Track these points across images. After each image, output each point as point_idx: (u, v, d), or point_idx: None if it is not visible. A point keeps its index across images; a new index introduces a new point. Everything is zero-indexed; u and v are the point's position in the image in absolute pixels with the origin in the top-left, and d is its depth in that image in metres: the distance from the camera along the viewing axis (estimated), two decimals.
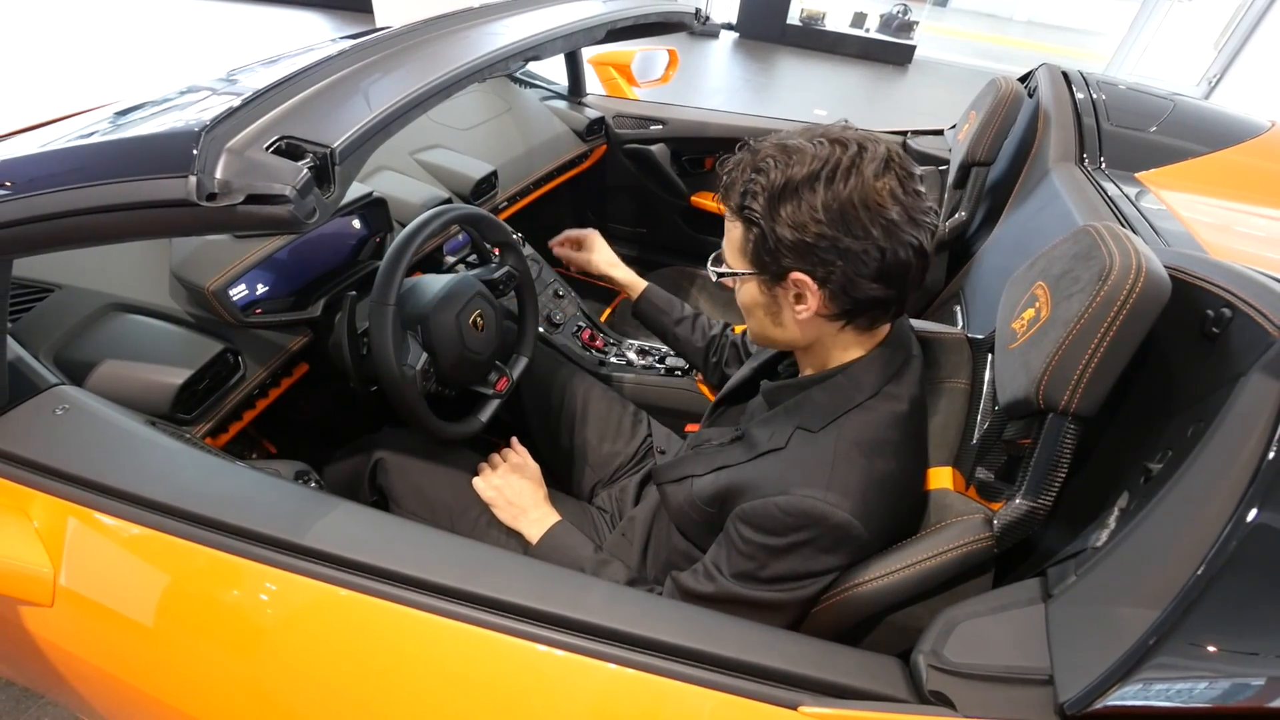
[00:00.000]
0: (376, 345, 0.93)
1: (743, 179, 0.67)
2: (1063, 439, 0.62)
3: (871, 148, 0.64)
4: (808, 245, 0.64)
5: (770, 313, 0.73)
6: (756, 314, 0.75)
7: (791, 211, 0.64)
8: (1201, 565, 0.44)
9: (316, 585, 0.61)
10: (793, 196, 0.64)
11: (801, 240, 0.64)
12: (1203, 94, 5.48)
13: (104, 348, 0.87)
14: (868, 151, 0.63)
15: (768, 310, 0.73)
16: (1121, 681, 0.44)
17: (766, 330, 0.76)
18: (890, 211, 0.63)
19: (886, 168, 0.63)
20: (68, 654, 0.72)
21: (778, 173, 0.64)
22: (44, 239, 0.63)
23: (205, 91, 0.89)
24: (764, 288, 0.71)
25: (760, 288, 0.72)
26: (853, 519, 0.64)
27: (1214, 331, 0.59)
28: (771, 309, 0.73)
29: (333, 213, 0.60)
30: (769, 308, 0.73)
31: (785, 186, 0.64)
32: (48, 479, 0.70)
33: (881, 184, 0.62)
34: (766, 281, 0.70)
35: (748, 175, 0.67)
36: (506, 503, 1.00)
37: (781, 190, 0.64)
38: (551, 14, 1.07)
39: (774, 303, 0.72)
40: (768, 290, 0.71)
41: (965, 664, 0.52)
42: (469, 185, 1.42)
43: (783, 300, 0.71)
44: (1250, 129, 1.31)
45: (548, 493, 1.04)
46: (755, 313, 0.75)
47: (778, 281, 0.69)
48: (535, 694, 0.57)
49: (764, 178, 0.65)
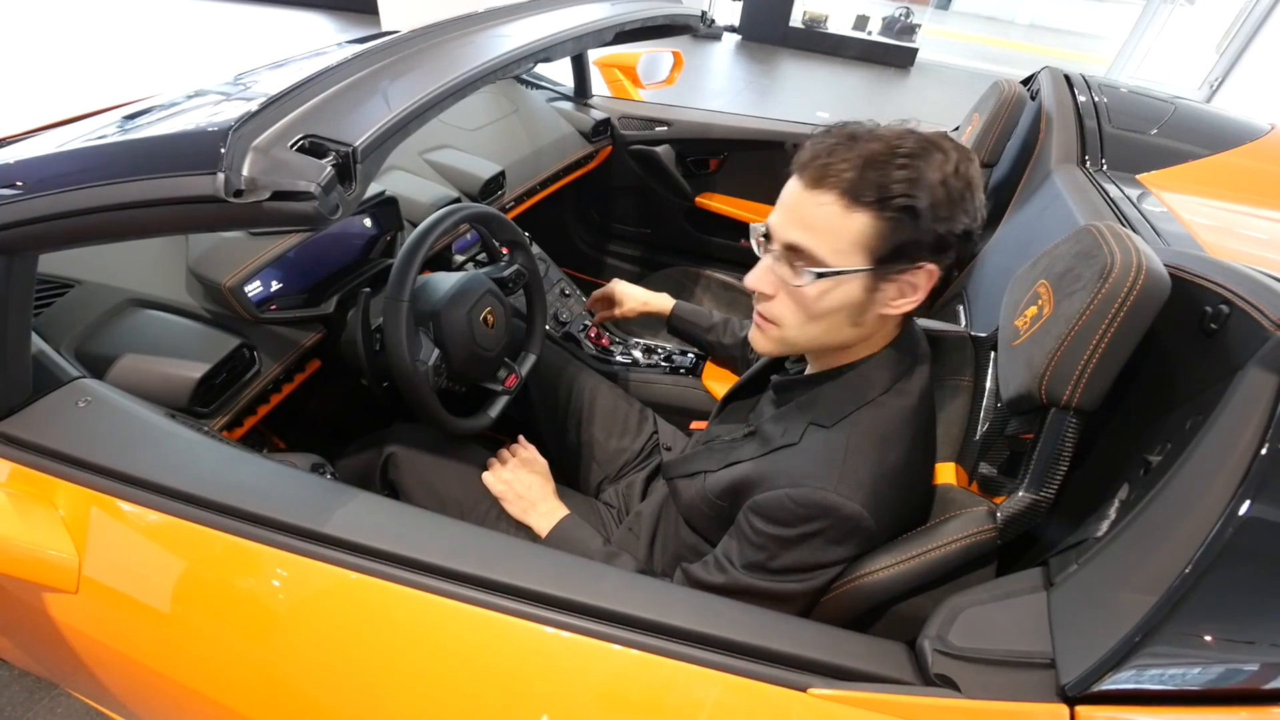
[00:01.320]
0: (391, 340, 0.95)
1: (880, 169, 0.62)
2: (1064, 433, 0.64)
3: (963, 146, 0.66)
4: (951, 236, 0.64)
5: (855, 313, 0.68)
6: (834, 317, 0.68)
7: (945, 201, 0.63)
8: (1196, 555, 0.45)
9: (337, 571, 0.63)
10: (943, 185, 0.62)
11: (949, 231, 0.63)
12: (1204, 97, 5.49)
13: (123, 342, 0.89)
14: (964, 147, 0.66)
15: (854, 311, 0.68)
16: (1120, 664, 0.46)
17: (832, 334, 0.70)
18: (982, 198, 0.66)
19: (975, 163, 0.66)
20: (90, 639, 0.74)
21: (929, 163, 0.62)
22: (73, 234, 0.65)
23: (214, 95, 0.91)
24: (870, 285, 0.66)
25: (865, 285, 0.66)
26: (863, 511, 0.66)
27: (1212, 328, 0.60)
28: (861, 308, 0.68)
29: (353, 209, 0.62)
30: (859, 307, 0.68)
31: (943, 178, 0.62)
32: (72, 468, 0.72)
33: (979, 174, 0.66)
34: (878, 277, 0.66)
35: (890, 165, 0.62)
36: (516, 496, 1.02)
37: (939, 181, 0.62)
38: (561, 17, 1.09)
39: (869, 300, 0.67)
40: (872, 288, 0.66)
41: (969, 648, 0.53)
42: (477, 185, 1.44)
43: (883, 295, 0.67)
44: (1250, 132, 1.33)
45: (555, 487, 1.06)
46: (835, 316, 0.68)
47: (894, 276, 0.66)
48: (550, 676, 0.59)
49: (917, 166, 0.62)
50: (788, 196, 0.68)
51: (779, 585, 0.70)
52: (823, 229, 0.65)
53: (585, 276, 2.21)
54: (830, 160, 0.63)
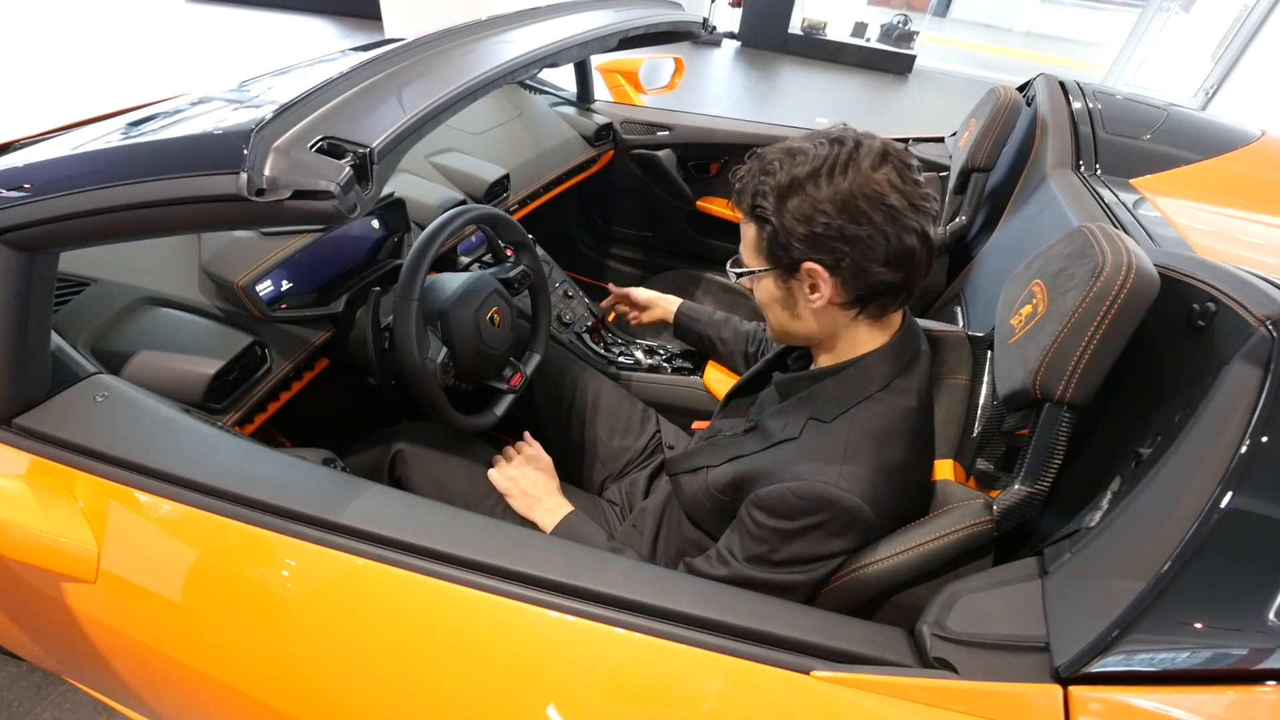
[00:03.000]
0: (400, 338, 0.96)
1: (753, 182, 0.72)
2: (1058, 427, 0.66)
3: (867, 143, 0.69)
4: (816, 235, 0.68)
5: (787, 306, 0.77)
6: (774, 309, 0.79)
7: (798, 205, 0.68)
8: (1182, 543, 0.47)
9: (350, 559, 0.65)
10: (798, 191, 0.68)
11: (811, 231, 0.68)
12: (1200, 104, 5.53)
13: (138, 339, 0.91)
14: (863, 146, 0.68)
15: (784, 304, 0.77)
16: (1111, 647, 0.48)
17: (785, 324, 0.80)
18: (890, 198, 0.67)
19: (883, 160, 0.68)
20: (108, 628, 0.76)
21: (783, 173, 0.69)
22: (96, 231, 0.67)
23: (219, 102, 0.93)
24: (779, 282, 0.75)
25: (776, 282, 0.76)
26: (863, 504, 0.68)
27: (1200, 324, 0.62)
28: (788, 302, 0.77)
29: (370, 208, 0.64)
30: (785, 301, 0.77)
31: (791, 184, 0.69)
32: (91, 461, 0.73)
33: (880, 175, 0.67)
34: (781, 275, 0.75)
35: (757, 178, 0.72)
36: (521, 493, 1.03)
37: (788, 187, 0.69)
38: (567, 23, 1.11)
39: (790, 295, 0.76)
40: (783, 284, 0.75)
41: (967, 633, 0.55)
42: (482, 188, 1.46)
43: (798, 292, 0.75)
44: (1241, 138, 1.35)
45: (560, 484, 1.08)
46: (773, 308, 0.79)
47: (792, 274, 0.73)
48: (558, 660, 0.61)
49: (771, 178, 0.70)
50: None
51: (780, 576, 0.72)
52: (741, 236, 0.78)
53: (587, 279, 2.23)
54: (741, 180, 0.75)
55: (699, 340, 1.34)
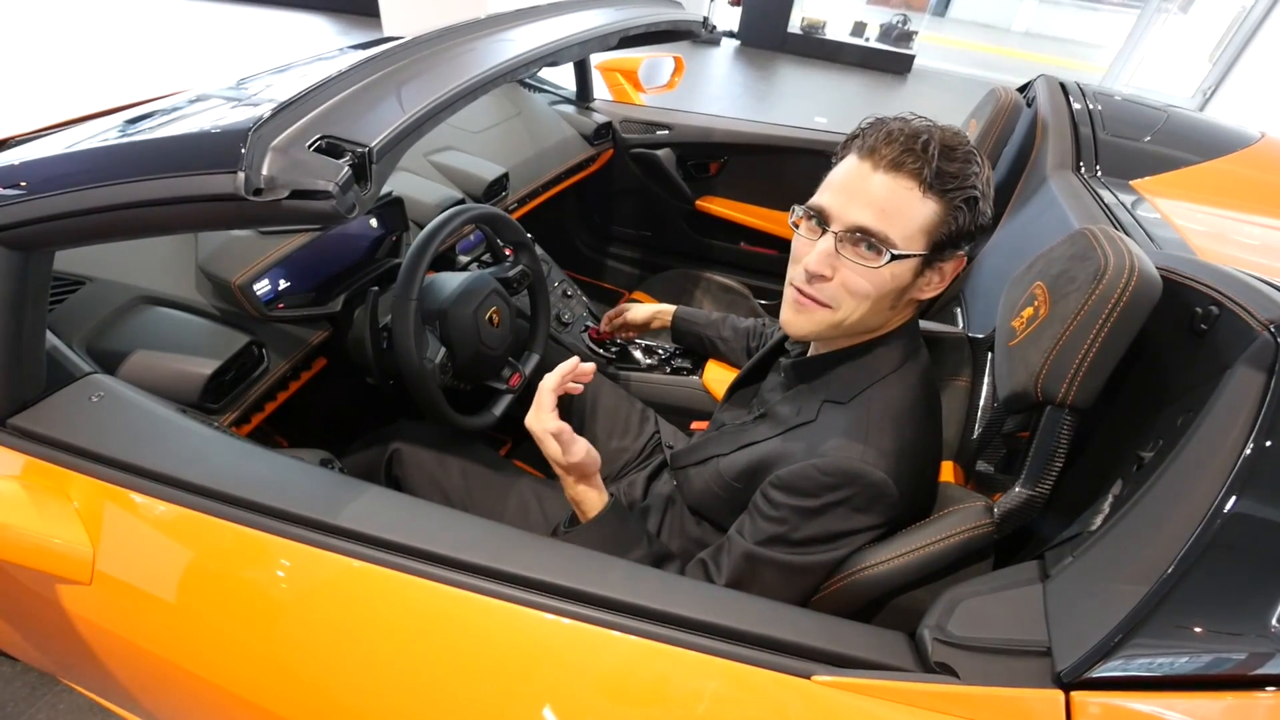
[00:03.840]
0: (399, 338, 0.96)
1: (954, 162, 0.67)
2: (1060, 430, 0.66)
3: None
4: (980, 228, 0.70)
5: (899, 295, 0.72)
6: (879, 299, 0.71)
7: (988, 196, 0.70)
8: (1185, 548, 0.47)
9: (346, 561, 0.64)
10: (988, 184, 0.70)
11: (984, 223, 0.70)
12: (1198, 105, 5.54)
13: (134, 338, 0.90)
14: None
15: (897, 294, 0.71)
16: (1113, 652, 0.47)
17: (873, 315, 0.72)
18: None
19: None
20: (103, 630, 0.75)
21: (982, 162, 0.69)
22: (92, 231, 0.66)
23: (217, 100, 0.92)
24: (919, 269, 0.71)
25: (915, 270, 0.70)
26: (887, 479, 0.68)
27: (1202, 328, 0.62)
28: (903, 291, 0.72)
29: (369, 208, 0.64)
30: (902, 291, 0.72)
31: (988, 175, 0.70)
32: (86, 461, 0.73)
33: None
34: (927, 262, 0.70)
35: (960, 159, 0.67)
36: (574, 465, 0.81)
37: (987, 177, 0.70)
38: (567, 22, 1.10)
39: (911, 284, 0.72)
40: (919, 272, 0.71)
41: (968, 637, 0.55)
42: (481, 186, 1.45)
43: (922, 281, 0.72)
44: (1240, 140, 1.35)
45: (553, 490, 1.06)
46: (879, 298, 0.71)
47: (940, 262, 0.71)
48: (555, 664, 0.60)
49: (980, 163, 0.69)
50: (852, 180, 0.70)
51: (799, 557, 0.72)
52: (895, 213, 0.67)
53: (586, 278, 2.22)
54: (907, 147, 0.66)
55: (699, 342, 1.34)
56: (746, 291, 1.88)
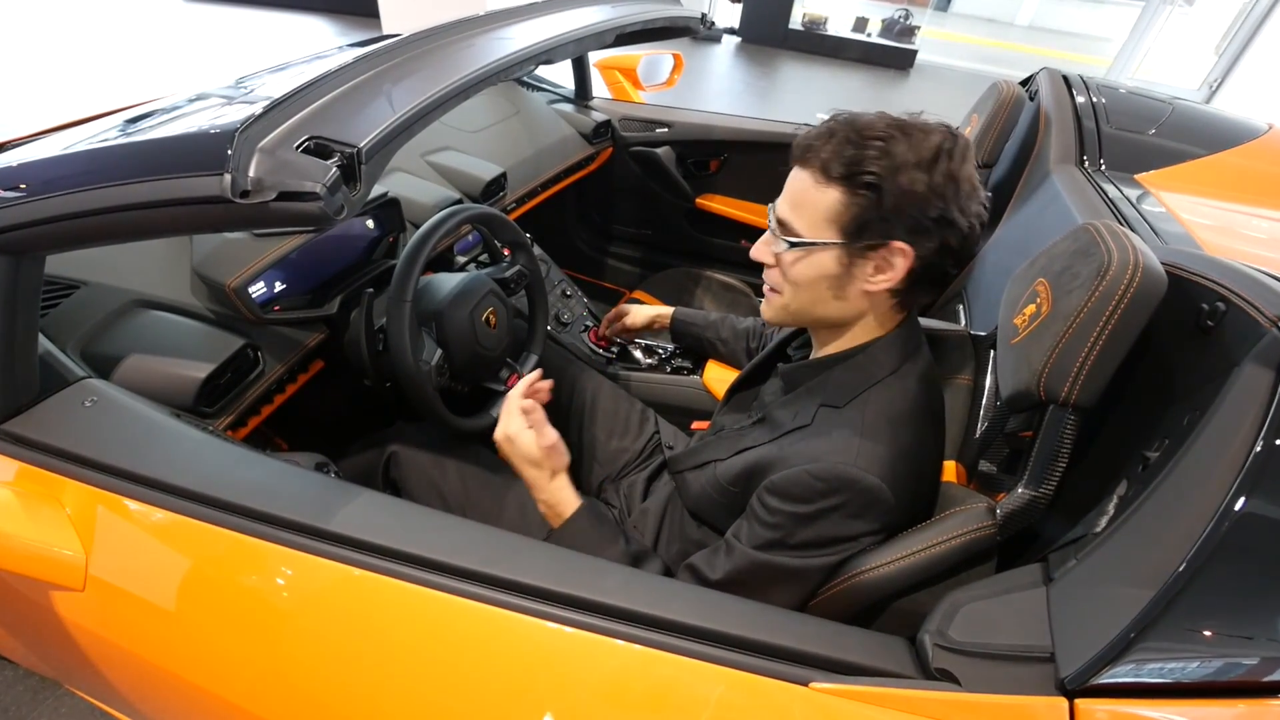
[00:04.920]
0: (394, 340, 0.95)
1: (853, 148, 0.67)
2: (1063, 430, 0.64)
3: (963, 137, 0.69)
4: (926, 220, 0.67)
5: (835, 285, 0.72)
6: (816, 287, 0.73)
7: (916, 184, 0.66)
8: (1192, 550, 0.46)
9: (342, 568, 0.64)
10: (918, 170, 0.66)
11: (923, 215, 0.66)
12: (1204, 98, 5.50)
13: (128, 342, 0.90)
14: (961, 140, 0.69)
15: (834, 283, 0.72)
16: (1118, 658, 0.46)
17: (815, 305, 0.74)
18: (980, 195, 0.69)
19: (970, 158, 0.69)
20: (97, 637, 0.75)
21: (904, 148, 0.66)
22: (80, 235, 0.66)
23: (217, 99, 0.91)
24: (844, 258, 0.70)
25: (839, 258, 0.70)
26: (881, 484, 0.67)
27: (1209, 325, 0.61)
28: (839, 281, 0.72)
29: (358, 210, 0.63)
30: (837, 280, 0.72)
31: (917, 161, 0.66)
32: (79, 467, 0.72)
33: (973, 170, 0.68)
34: (851, 252, 0.70)
35: (861, 145, 0.67)
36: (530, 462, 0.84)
37: (911, 164, 0.66)
38: (563, 19, 1.09)
39: (846, 274, 0.71)
40: (846, 261, 0.70)
41: (970, 643, 0.54)
42: (479, 186, 1.45)
43: (858, 271, 0.71)
44: (1248, 132, 1.33)
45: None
46: (815, 286, 0.73)
47: (867, 251, 0.69)
48: (553, 671, 0.59)
49: (887, 147, 0.66)
50: (788, 178, 0.75)
51: (795, 560, 0.71)
52: (800, 203, 0.71)
53: (586, 278, 2.21)
54: (814, 142, 0.70)
55: (698, 343, 1.33)
56: (747, 290, 1.87)
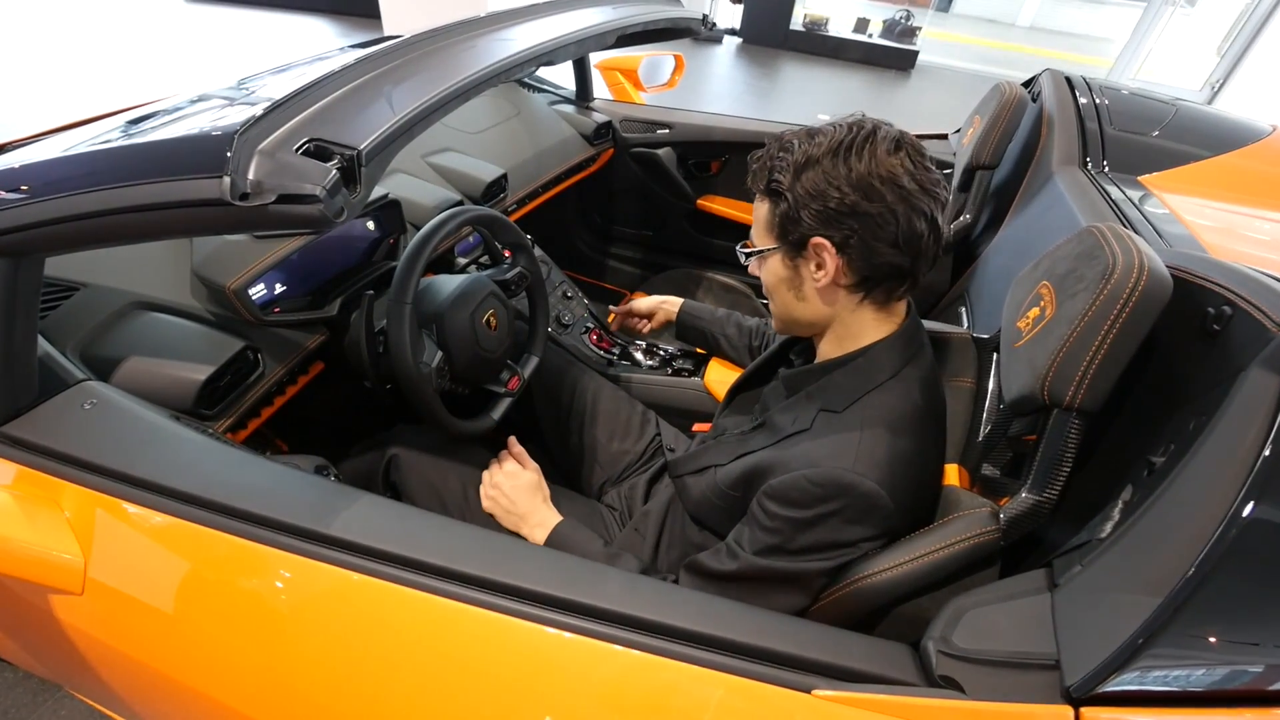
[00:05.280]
0: (394, 342, 0.95)
1: (770, 160, 0.74)
2: (1067, 434, 0.64)
3: (884, 129, 0.71)
4: (829, 210, 0.69)
5: (792, 287, 0.77)
6: (780, 291, 0.78)
7: (812, 180, 0.69)
8: (1200, 556, 0.45)
9: (341, 573, 0.63)
10: (813, 167, 0.70)
11: (824, 206, 0.69)
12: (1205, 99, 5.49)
13: (128, 344, 0.89)
14: (880, 131, 0.70)
15: (790, 284, 0.77)
16: (1125, 666, 0.46)
17: (790, 308, 0.79)
18: (902, 180, 0.68)
19: (898, 146, 0.69)
20: (95, 640, 0.74)
21: (800, 150, 0.71)
22: (79, 237, 0.66)
23: (218, 100, 0.91)
24: (787, 260, 0.75)
25: (784, 261, 0.76)
26: (879, 489, 0.67)
27: (1215, 329, 0.60)
28: (794, 283, 0.76)
29: (359, 212, 0.63)
30: (791, 281, 0.76)
31: (807, 160, 0.70)
32: (78, 470, 0.72)
33: (895, 159, 0.69)
34: (789, 253, 0.75)
35: (775, 155, 0.74)
36: (505, 511, 1.00)
37: (804, 163, 0.70)
38: (564, 20, 1.09)
39: (796, 275, 0.76)
40: (790, 262, 0.75)
41: (974, 649, 0.53)
42: (480, 188, 1.44)
43: (804, 271, 0.75)
44: (1252, 134, 1.33)
45: (549, 493, 1.04)
46: (779, 290, 0.78)
47: (799, 251, 0.73)
48: (553, 677, 0.59)
49: (789, 155, 0.72)
50: None
51: (796, 565, 0.71)
52: (756, 219, 0.79)
53: (587, 279, 2.21)
54: (759, 159, 0.76)
55: (703, 339, 1.32)
56: (749, 291, 1.86)
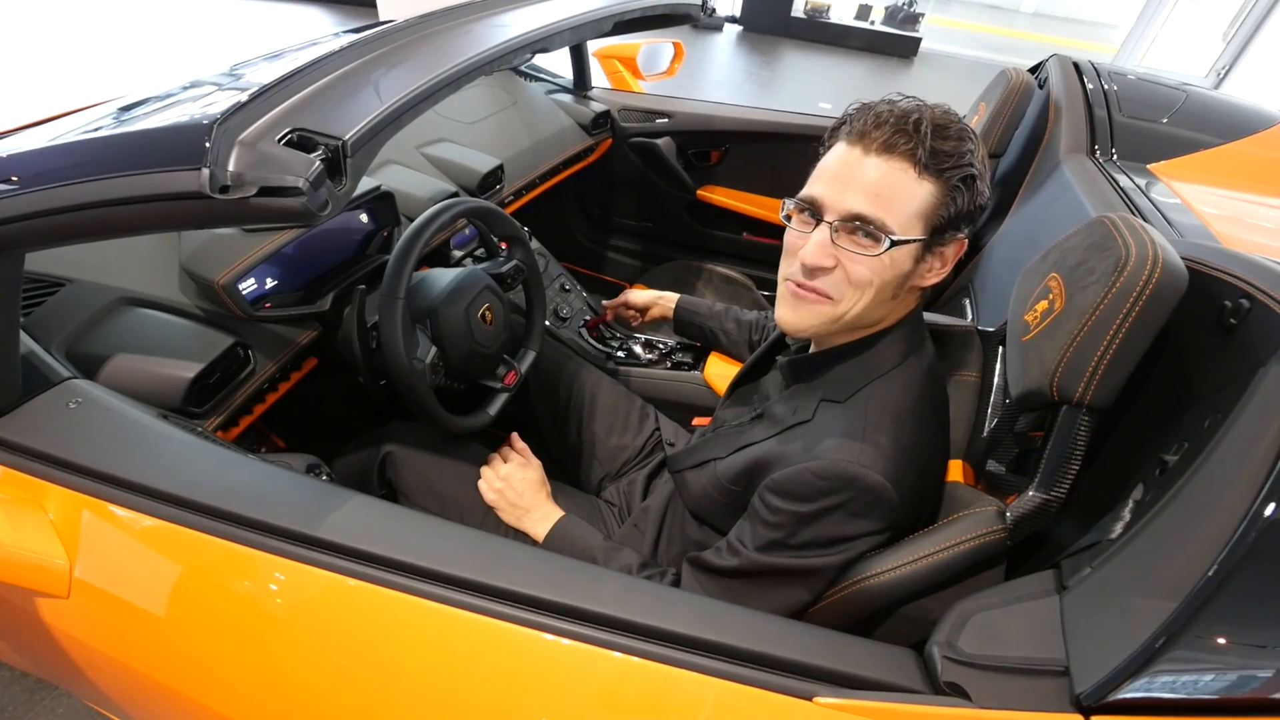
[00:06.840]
0: (386, 338, 0.93)
1: (951, 141, 0.64)
2: (1076, 431, 0.62)
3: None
4: (980, 209, 0.69)
5: (899, 283, 0.68)
6: (882, 289, 0.68)
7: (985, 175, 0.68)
8: (1218, 559, 0.43)
9: (329, 576, 0.62)
10: (983, 163, 0.68)
11: (983, 203, 0.69)
12: (1211, 85, 5.43)
13: (115, 341, 0.87)
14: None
15: (899, 281, 0.68)
16: (1138, 673, 0.44)
17: (876, 307, 0.69)
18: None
19: None
20: (83, 644, 0.73)
21: (976, 140, 0.68)
22: (57, 232, 0.63)
23: (209, 86, 0.89)
24: (918, 255, 0.68)
25: (915, 256, 0.67)
26: (885, 481, 0.65)
27: (1232, 323, 0.58)
28: (904, 279, 0.68)
29: (344, 205, 0.60)
30: (903, 280, 0.68)
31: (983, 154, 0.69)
32: (62, 472, 0.70)
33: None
34: (926, 247, 0.67)
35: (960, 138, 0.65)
36: (509, 504, 0.99)
37: (983, 155, 0.68)
38: (559, 6, 1.06)
39: (913, 270, 0.68)
40: (918, 257, 0.68)
41: (980, 655, 0.52)
42: (475, 179, 1.42)
43: (922, 268, 0.69)
44: (1262, 120, 1.30)
45: (551, 489, 1.03)
46: (885, 287, 0.68)
47: (939, 247, 0.69)
48: (549, 682, 0.58)
49: (972, 143, 0.67)
50: (845, 167, 0.67)
51: (798, 560, 0.69)
52: (891, 197, 0.65)
53: (585, 271, 2.19)
54: (898, 129, 0.64)
55: (700, 334, 1.31)
56: (749, 283, 1.84)
